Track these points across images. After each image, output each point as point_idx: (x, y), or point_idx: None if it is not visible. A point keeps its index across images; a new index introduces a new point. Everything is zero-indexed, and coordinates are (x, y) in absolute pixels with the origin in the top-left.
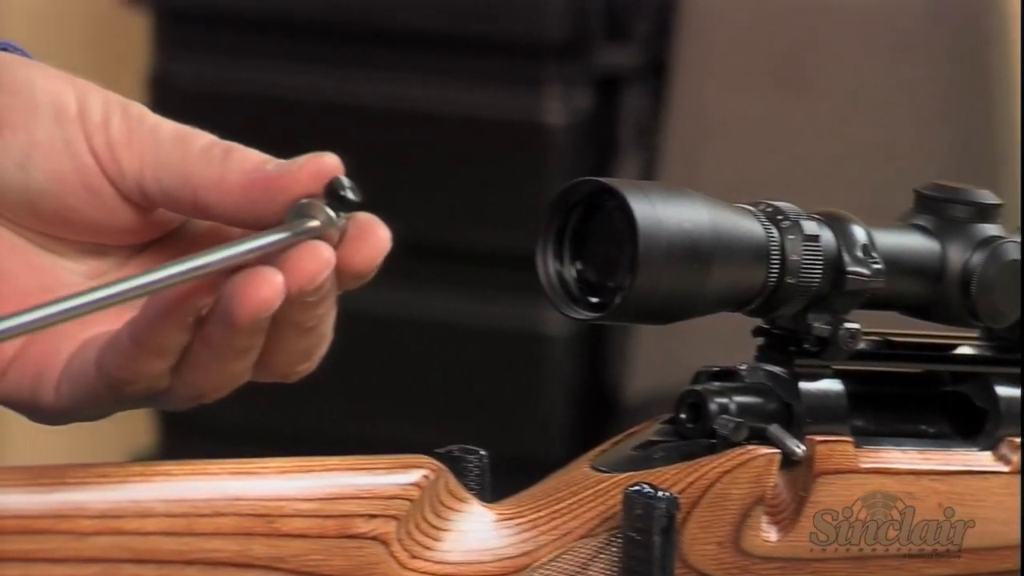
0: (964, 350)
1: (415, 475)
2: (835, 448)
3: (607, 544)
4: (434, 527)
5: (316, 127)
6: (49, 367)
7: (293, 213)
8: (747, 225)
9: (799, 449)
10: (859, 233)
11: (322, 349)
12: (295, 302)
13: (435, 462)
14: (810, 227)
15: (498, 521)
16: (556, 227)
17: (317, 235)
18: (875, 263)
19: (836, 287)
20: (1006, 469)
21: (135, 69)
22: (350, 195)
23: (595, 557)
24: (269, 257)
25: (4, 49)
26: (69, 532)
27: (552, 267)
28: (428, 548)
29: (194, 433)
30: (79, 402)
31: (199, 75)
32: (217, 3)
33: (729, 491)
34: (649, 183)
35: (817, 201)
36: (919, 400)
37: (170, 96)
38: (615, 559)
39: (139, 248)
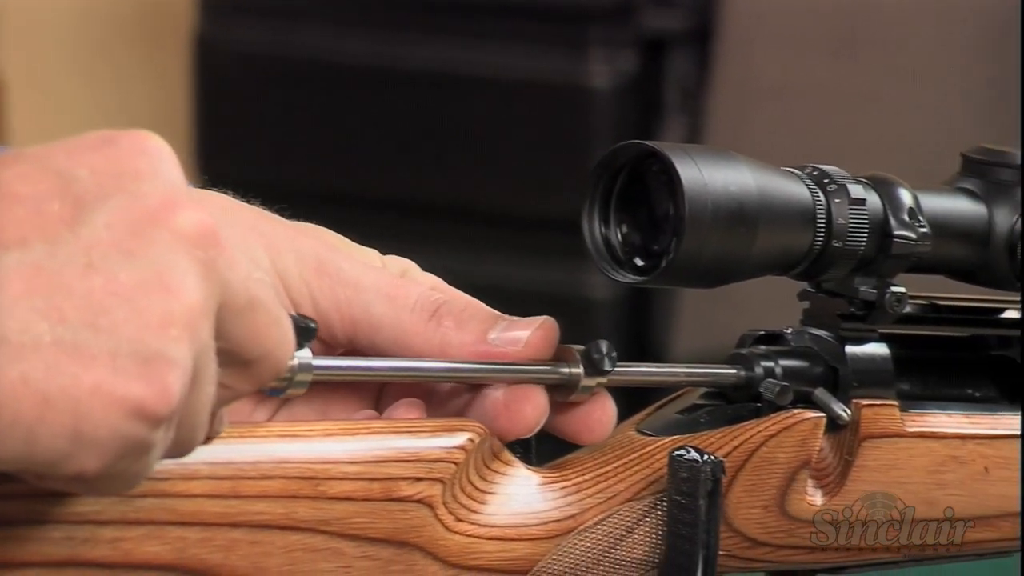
0: (1010, 314)
1: (460, 438)
2: (881, 412)
3: (652, 507)
4: (479, 490)
5: (361, 91)
6: None
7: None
8: (793, 189)
9: (845, 413)
10: (905, 197)
11: None
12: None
13: (480, 425)
14: (856, 191)
15: (543, 484)
16: (602, 191)
17: (568, 385)
18: (921, 227)
19: (882, 251)
20: None
21: (180, 32)
22: (605, 365)
23: (640, 520)
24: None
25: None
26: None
27: (598, 230)
28: (473, 511)
29: None
30: None
31: (244, 39)
32: None
33: (775, 455)
34: (694, 146)
35: (863, 165)
36: (965, 364)
37: (215, 59)
38: (660, 522)
39: None
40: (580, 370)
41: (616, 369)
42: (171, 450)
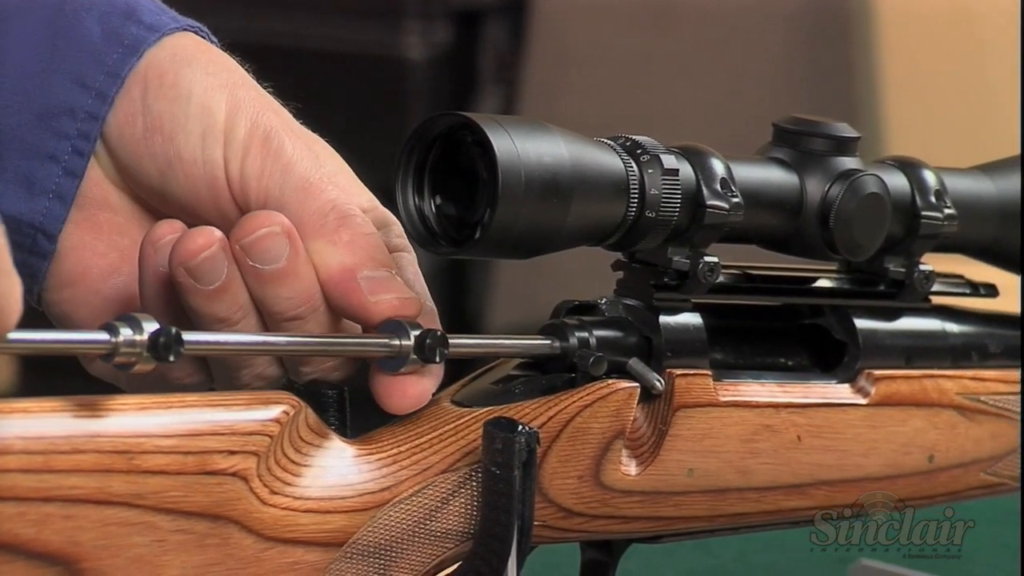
0: (823, 283)
1: (275, 411)
2: (694, 381)
3: (468, 478)
4: (294, 463)
5: None
6: None
7: (389, 326)
8: (607, 159)
9: (658, 383)
10: (718, 166)
11: None
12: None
13: (295, 397)
14: (669, 161)
15: (358, 456)
16: (415, 162)
17: (394, 356)
18: (734, 196)
19: (695, 220)
20: (864, 401)
21: None
22: (436, 358)
23: (456, 491)
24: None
25: (195, 31)
26: None
27: (412, 202)
28: (288, 484)
29: (57, 371)
30: None
31: None
32: None
33: (589, 425)
34: (508, 117)
35: (676, 135)
36: (778, 333)
37: None
38: (476, 493)
39: None
40: (411, 343)
41: None
42: None
